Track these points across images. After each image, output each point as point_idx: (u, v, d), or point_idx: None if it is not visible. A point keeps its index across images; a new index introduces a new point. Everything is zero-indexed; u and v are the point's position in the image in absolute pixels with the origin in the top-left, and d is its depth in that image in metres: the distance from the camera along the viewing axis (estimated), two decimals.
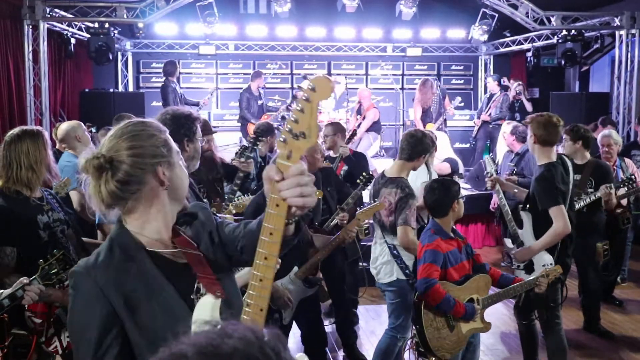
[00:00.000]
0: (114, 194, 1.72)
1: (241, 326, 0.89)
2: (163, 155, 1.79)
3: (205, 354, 0.84)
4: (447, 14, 13.04)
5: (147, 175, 1.75)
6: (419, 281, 3.71)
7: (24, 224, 3.38)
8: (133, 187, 1.74)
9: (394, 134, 13.12)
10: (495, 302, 4.06)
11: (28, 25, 9.21)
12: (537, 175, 4.36)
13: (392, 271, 4.39)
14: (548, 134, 4.34)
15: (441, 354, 3.76)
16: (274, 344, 0.88)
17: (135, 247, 1.76)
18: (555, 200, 4.23)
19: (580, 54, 10.68)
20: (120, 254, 1.74)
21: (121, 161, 1.73)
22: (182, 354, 0.86)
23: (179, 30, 12.56)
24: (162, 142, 1.81)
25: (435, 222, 3.90)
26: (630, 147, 7.12)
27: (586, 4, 11.09)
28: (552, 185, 4.25)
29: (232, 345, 0.85)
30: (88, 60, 11.07)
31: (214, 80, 13.38)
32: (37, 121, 9.29)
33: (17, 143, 3.48)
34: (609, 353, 5.37)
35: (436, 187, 3.95)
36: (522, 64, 12.76)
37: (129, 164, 1.73)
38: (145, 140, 1.78)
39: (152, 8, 9.74)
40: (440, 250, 3.74)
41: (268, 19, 12.82)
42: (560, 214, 4.21)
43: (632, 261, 7.22)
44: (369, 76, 13.82)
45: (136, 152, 1.75)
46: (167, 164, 1.80)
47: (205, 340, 0.87)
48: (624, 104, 10.29)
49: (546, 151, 4.38)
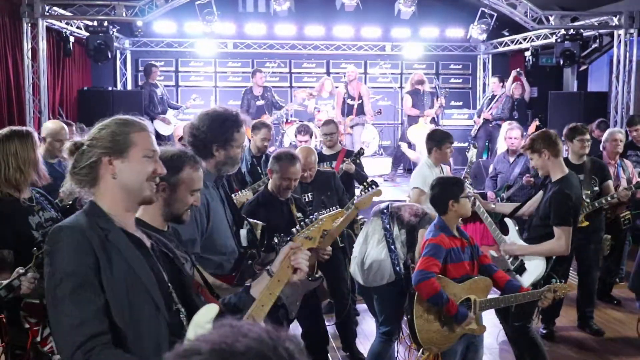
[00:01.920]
0: (71, 172, 2.05)
1: (257, 327, 0.90)
2: (114, 149, 2.04)
3: (218, 351, 0.86)
4: (445, 13, 13.05)
5: (95, 163, 2.03)
6: (416, 272, 3.72)
7: (17, 227, 3.36)
8: (83, 170, 2.03)
9: (392, 133, 13.14)
10: (494, 307, 4.06)
11: (27, 23, 9.19)
12: (556, 189, 4.40)
13: (383, 274, 4.33)
14: (557, 145, 4.45)
15: (428, 346, 3.77)
16: (288, 346, 0.88)
17: (107, 218, 2.02)
18: (566, 220, 4.30)
19: (578, 53, 10.68)
20: (97, 221, 1.98)
21: (81, 147, 2.06)
22: (195, 349, 0.87)
23: (177, 29, 12.54)
24: (121, 137, 2.06)
25: (440, 218, 3.93)
26: (626, 147, 7.12)
27: (585, 4, 11.10)
28: (567, 203, 4.32)
29: (246, 344, 0.86)
30: (87, 59, 11.07)
31: (213, 79, 13.38)
32: (35, 119, 9.28)
33: (5, 143, 3.44)
34: (603, 351, 5.38)
35: (436, 184, 3.99)
36: (520, 63, 12.74)
37: (83, 149, 2.05)
38: (103, 132, 2.07)
39: (151, 6, 9.73)
40: (443, 245, 3.76)
41: (267, 18, 12.82)
42: (565, 235, 4.28)
43: (629, 261, 7.23)
44: (368, 75, 13.82)
45: (91, 142, 2.06)
46: (118, 158, 2.05)
47: (219, 338, 0.88)
48: (622, 103, 10.30)
49: (559, 164, 4.47)
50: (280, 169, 4.23)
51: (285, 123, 10.97)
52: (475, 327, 3.87)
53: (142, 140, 2.10)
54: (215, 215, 3.16)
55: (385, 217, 4.43)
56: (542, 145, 4.44)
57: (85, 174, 2.04)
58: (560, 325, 5.89)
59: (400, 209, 4.49)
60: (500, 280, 3.95)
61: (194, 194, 2.60)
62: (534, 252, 4.37)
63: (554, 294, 3.84)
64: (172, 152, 2.62)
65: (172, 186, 2.54)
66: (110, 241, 1.96)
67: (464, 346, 3.97)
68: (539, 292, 3.89)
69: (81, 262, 1.88)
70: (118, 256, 1.94)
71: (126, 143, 2.06)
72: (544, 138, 4.44)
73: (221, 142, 3.15)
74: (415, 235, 4.23)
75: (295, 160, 4.24)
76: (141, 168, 2.07)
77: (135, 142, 2.07)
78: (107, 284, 1.89)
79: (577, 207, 4.45)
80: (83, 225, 1.95)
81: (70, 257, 1.88)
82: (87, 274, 1.87)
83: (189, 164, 2.60)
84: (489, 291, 3.91)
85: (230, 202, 3.44)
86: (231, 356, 0.85)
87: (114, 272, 1.92)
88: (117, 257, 1.94)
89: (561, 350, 5.39)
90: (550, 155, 4.43)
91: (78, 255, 1.88)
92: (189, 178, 2.58)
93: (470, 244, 3.98)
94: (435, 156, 5.44)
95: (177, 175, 2.56)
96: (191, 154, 2.67)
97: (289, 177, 4.24)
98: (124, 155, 2.05)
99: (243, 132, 3.26)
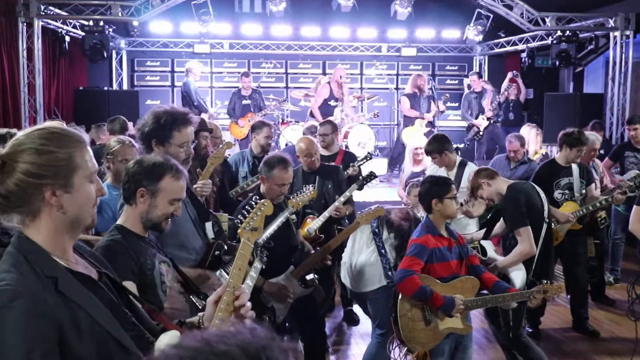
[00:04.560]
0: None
1: (245, 326, 0.89)
2: (57, 177, 1.63)
3: (201, 351, 0.85)
4: (442, 14, 13.04)
5: (32, 195, 1.61)
6: (398, 271, 3.76)
7: None
8: (14, 203, 1.61)
9: (388, 134, 13.14)
10: (481, 307, 4.07)
11: (22, 23, 9.17)
12: (503, 200, 4.47)
13: (374, 278, 4.33)
14: (487, 173, 4.57)
15: (412, 345, 3.78)
16: (278, 348, 0.87)
17: (48, 259, 1.63)
18: (520, 222, 4.34)
19: (574, 54, 10.71)
20: (41, 269, 1.59)
21: (9, 172, 1.61)
22: (177, 344, 0.86)
23: (173, 29, 12.53)
24: (64, 162, 1.64)
25: (428, 218, 3.95)
26: (623, 148, 7.13)
27: (581, 5, 11.12)
28: (516, 205, 4.37)
29: (234, 343, 0.85)
30: (82, 58, 11.03)
31: (209, 79, 13.36)
32: (31, 119, 9.26)
33: None
34: (597, 352, 5.39)
35: (424, 182, 4.07)
36: (516, 64, 12.76)
37: (15, 179, 1.60)
38: (39, 156, 1.62)
39: (146, 6, 9.72)
40: (427, 245, 3.78)
41: (263, 18, 12.80)
42: (526, 235, 4.31)
43: (624, 262, 7.26)
44: (364, 76, 13.82)
45: (25, 169, 1.60)
46: (63, 188, 1.64)
47: (208, 335, 0.87)
48: (618, 105, 10.33)
49: (499, 182, 4.52)
50: (273, 176, 4.21)
51: (282, 124, 10.97)
52: (461, 326, 3.88)
53: (84, 160, 1.69)
54: None
55: (374, 221, 4.43)
56: (476, 182, 4.52)
57: (16, 205, 1.62)
58: (555, 327, 5.90)
59: (390, 212, 4.51)
60: (488, 282, 3.97)
61: (174, 203, 2.61)
62: (507, 263, 4.38)
63: (544, 294, 3.86)
64: (154, 160, 2.65)
65: (152, 194, 2.57)
66: (60, 292, 1.57)
67: (452, 345, 3.97)
68: (529, 292, 3.92)
69: (38, 338, 1.49)
70: (75, 309, 1.59)
71: (70, 167, 1.65)
72: (476, 177, 4.55)
73: (159, 138, 3.18)
74: (406, 240, 4.21)
75: (287, 165, 4.23)
76: (88, 194, 1.71)
77: (78, 164, 1.67)
78: (73, 352, 1.54)
79: (534, 205, 4.45)
80: (31, 284, 1.55)
81: (24, 333, 1.48)
82: (48, 351, 1.50)
83: (169, 173, 2.60)
84: (475, 291, 3.92)
85: (193, 198, 3.45)
86: (214, 357, 0.83)
87: (81, 331, 1.57)
88: (76, 312, 1.58)
89: (556, 352, 5.39)
90: (487, 183, 4.49)
91: (33, 328, 1.49)
92: (168, 187, 2.59)
93: (459, 243, 3.99)
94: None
95: (157, 184, 2.58)
96: (173, 163, 2.66)
97: (283, 183, 4.24)
98: (70, 184, 1.65)
99: (186, 132, 3.28)
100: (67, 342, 1.54)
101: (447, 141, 5.59)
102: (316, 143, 5.51)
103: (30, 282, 1.55)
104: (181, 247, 3.20)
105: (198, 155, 4.42)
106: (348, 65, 13.65)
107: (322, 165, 5.50)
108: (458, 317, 3.85)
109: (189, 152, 3.34)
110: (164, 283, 2.58)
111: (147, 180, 2.57)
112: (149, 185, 2.56)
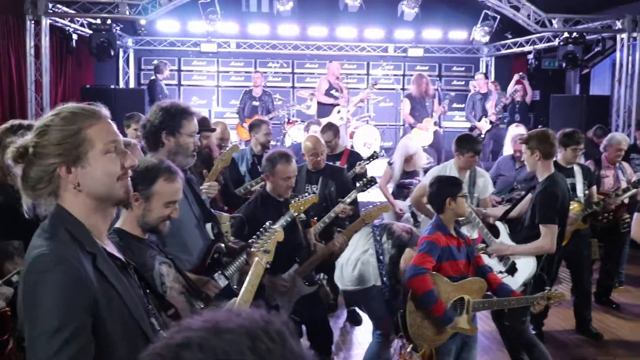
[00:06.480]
0: (24, 186, 1.69)
1: (250, 310, 0.92)
2: (66, 155, 1.66)
3: (209, 329, 0.87)
4: (449, 15, 13.04)
5: (50, 175, 1.66)
6: (410, 267, 3.75)
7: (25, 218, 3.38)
8: (38, 184, 1.67)
9: (394, 134, 13.13)
10: (486, 309, 4.07)
11: (30, 21, 9.22)
12: (541, 188, 4.42)
13: (369, 276, 4.28)
14: (551, 147, 4.47)
15: (418, 342, 3.78)
16: (279, 328, 0.89)
17: (87, 235, 1.68)
18: (551, 218, 4.32)
19: (581, 56, 10.69)
20: (83, 243, 1.65)
21: (26, 152, 1.67)
22: (186, 326, 0.88)
23: (180, 28, 12.58)
24: (72, 138, 1.67)
25: (438, 217, 3.95)
26: (629, 151, 7.11)
27: (588, 7, 11.10)
28: (553, 201, 4.34)
29: (238, 322, 0.87)
30: (89, 57, 11.07)
31: (215, 79, 13.40)
32: (37, 116, 9.28)
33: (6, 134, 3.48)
34: (601, 354, 5.38)
35: (434, 183, 4.03)
36: (523, 66, 12.75)
37: (30, 157, 1.66)
38: (49, 137, 1.67)
39: (154, 5, 9.76)
40: (439, 243, 3.78)
41: (270, 18, 12.84)
42: (550, 233, 4.30)
43: (628, 265, 7.23)
44: (370, 76, 13.82)
45: (36, 151, 1.65)
46: (75, 164, 1.67)
47: (211, 316, 0.89)
48: (625, 107, 10.30)
49: (547, 165, 4.49)
50: (277, 171, 4.22)
51: (287, 123, 10.98)
52: (467, 327, 3.89)
53: (99, 134, 1.69)
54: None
55: (377, 229, 4.44)
56: (535, 145, 4.47)
57: (42, 187, 1.67)
58: (559, 329, 5.89)
59: (393, 224, 4.52)
60: (493, 282, 3.98)
61: (170, 205, 2.59)
62: (522, 252, 4.40)
63: (547, 301, 3.86)
64: (147, 163, 2.61)
65: (146, 198, 2.54)
66: (98, 269, 1.62)
67: (459, 345, 3.98)
68: (533, 297, 3.91)
69: (76, 306, 1.53)
70: (109, 288, 1.62)
71: (80, 144, 1.66)
72: (540, 138, 4.46)
73: (170, 129, 3.16)
74: (402, 253, 4.20)
75: (289, 158, 4.24)
76: (107, 169, 1.70)
77: (90, 138, 1.68)
78: (104, 328, 1.58)
79: (564, 206, 4.45)
80: (73, 253, 1.59)
81: (63, 299, 1.52)
82: (83, 321, 1.53)
83: (163, 176, 2.58)
84: (483, 292, 3.93)
85: (197, 196, 3.43)
86: (221, 332, 0.85)
87: (112, 310, 1.61)
88: (109, 291, 1.62)
89: (560, 354, 5.38)
90: (541, 156, 4.46)
91: (72, 295, 1.53)
92: (163, 190, 2.57)
93: (467, 243, 4.00)
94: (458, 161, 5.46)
95: (151, 187, 2.55)
96: (167, 166, 2.63)
97: (288, 176, 4.24)
98: (81, 159, 1.66)
99: (194, 122, 3.26)
100: (101, 318, 1.57)
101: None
102: (323, 143, 5.50)
103: (72, 251, 1.59)
104: (183, 247, 3.18)
105: (200, 155, 4.43)
106: (355, 66, 13.69)
107: (326, 166, 5.51)
108: (465, 317, 3.85)
109: (196, 144, 3.34)
110: (163, 284, 2.58)
111: (140, 185, 2.52)
112: (142, 189, 2.52)
